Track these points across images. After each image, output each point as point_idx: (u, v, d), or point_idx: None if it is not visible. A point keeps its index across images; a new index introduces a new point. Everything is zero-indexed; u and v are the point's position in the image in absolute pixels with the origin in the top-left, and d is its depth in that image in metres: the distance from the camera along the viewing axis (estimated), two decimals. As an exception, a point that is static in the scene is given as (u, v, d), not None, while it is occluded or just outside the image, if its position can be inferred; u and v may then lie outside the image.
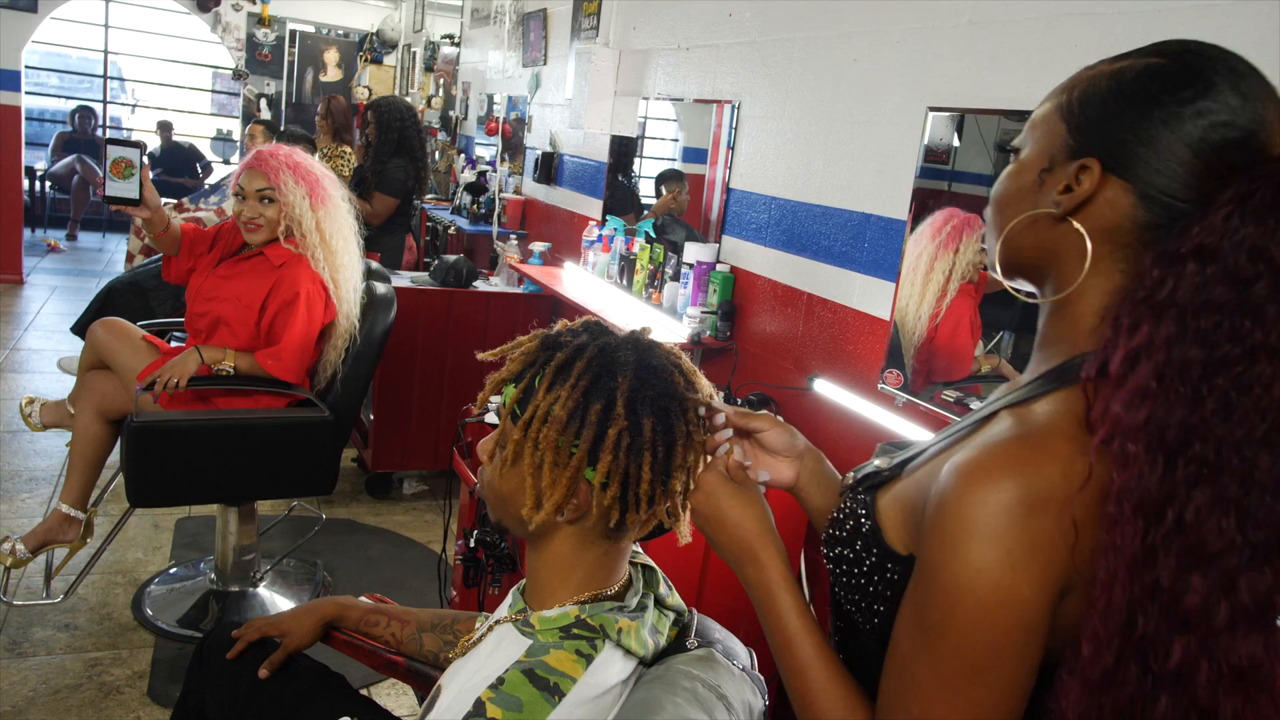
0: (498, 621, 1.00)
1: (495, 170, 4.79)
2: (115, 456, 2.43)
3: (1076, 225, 0.70)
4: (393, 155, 4.13)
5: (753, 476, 0.91)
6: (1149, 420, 0.63)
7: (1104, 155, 0.69)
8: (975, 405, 1.81)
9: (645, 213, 3.27)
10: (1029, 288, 0.79)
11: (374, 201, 4.05)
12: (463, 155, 5.58)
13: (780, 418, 1.00)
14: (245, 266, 2.43)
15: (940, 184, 1.94)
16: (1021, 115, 1.75)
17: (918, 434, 1.91)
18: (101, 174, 2.29)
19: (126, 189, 2.27)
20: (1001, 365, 1.82)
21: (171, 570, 2.78)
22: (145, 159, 2.31)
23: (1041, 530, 0.63)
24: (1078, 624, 0.66)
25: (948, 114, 1.89)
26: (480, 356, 1.00)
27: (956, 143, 1.90)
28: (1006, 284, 0.79)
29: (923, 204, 1.95)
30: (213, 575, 2.65)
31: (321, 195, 2.39)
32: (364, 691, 2.18)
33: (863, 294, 2.14)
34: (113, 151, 2.27)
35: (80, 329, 3.50)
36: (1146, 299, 0.65)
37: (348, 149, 4.64)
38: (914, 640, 0.68)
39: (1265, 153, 0.66)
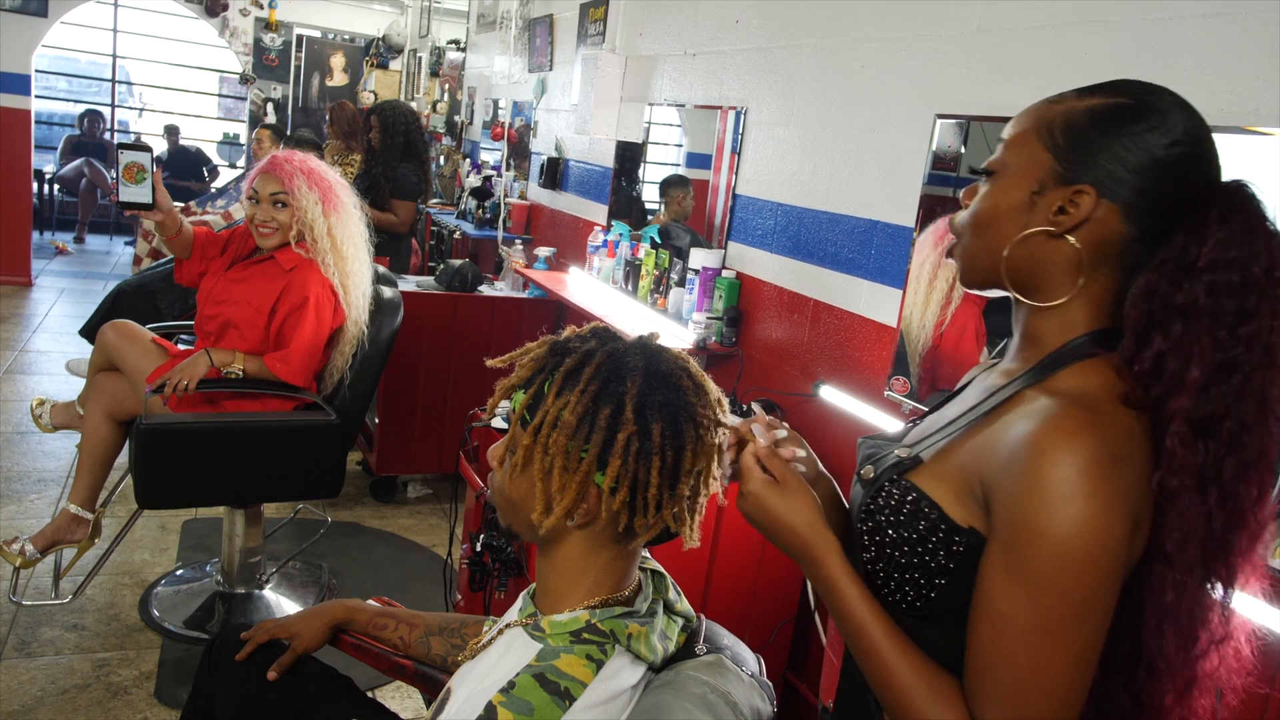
0: (507, 625, 1.00)
1: (500, 175, 4.80)
2: (124, 458, 2.44)
3: (1073, 241, 0.83)
4: (401, 160, 4.15)
5: (789, 458, 0.94)
6: (1199, 408, 0.77)
7: (1096, 183, 0.82)
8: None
9: (650, 218, 3.28)
10: (999, 293, 0.90)
11: (397, 210, 4.09)
12: (468, 160, 5.59)
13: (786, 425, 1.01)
14: (256, 270, 2.44)
15: (948, 190, 1.95)
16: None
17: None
18: (113, 179, 2.31)
19: (139, 194, 2.29)
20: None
21: (178, 572, 2.78)
22: (156, 163, 2.33)
23: (1121, 479, 0.75)
24: (1135, 558, 0.79)
25: (956, 121, 1.90)
26: (489, 363, 1.01)
27: (964, 150, 1.91)
28: (973, 291, 0.90)
29: (930, 211, 1.95)
30: (219, 577, 2.65)
31: (334, 202, 2.41)
32: (371, 694, 2.18)
33: (869, 301, 2.14)
34: (124, 157, 2.29)
35: (88, 332, 3.51)
36: (1166, 302, 0.79)
37: (357, 157, 4.65)
38: (1013, 596, 0.76)
39: (1209, 159, 0.82)
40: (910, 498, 0.86)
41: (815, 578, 0.88)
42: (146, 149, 2.34)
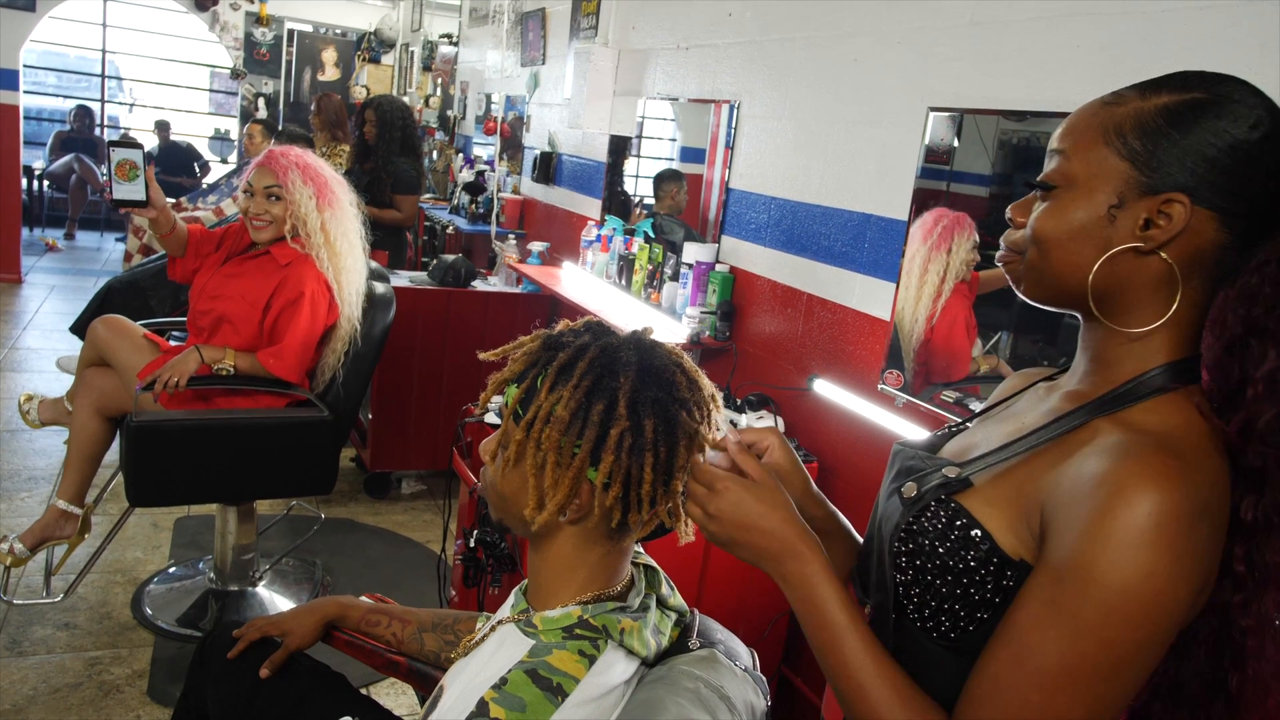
0: (500, 622, 1.00)
1: (493, 170, 4.79)
2: (115, 455, 2.43)
3: (1165, 257, 0.75)
4: (399, 154, 4.16)
5: (767, 460, 0.93)
6: None
7: (1187, 189, 0.74)
8: (976, 407, 1.82)
9: (636, 213, 3.28)
10: (1067, 310, 0.83)
11: (401, 205, 4.11)
12: (461, 155, 5.57)
13: (781, 431, 1.00)
14: (251, 265, 2.42)
15: (940, 184, 1.94)
16: (1023, 116, 1.75)
17: (919, 435, 1.90)
18: (105, 177, 2.29)
19: (133, 191, 2.30)
20: (1000, 365, 1.82)
21: (171, 569, 2.77)
22: (147, 159, 2.33)
23: (1201, 536, 0.69)
24: (1201, 606, 0.74)
25: (948, 114, 1.90)
26: (482, 356, 1.00)
27: (956, 143, 1.90)
28: (1050, 308, 0.83)
29: (923, 204, 1.95)
30: (212, 574, 2.64)
31: (329, 198, 2.40)
32: (364, 691, 2.18)
33: (863, 294, 2.14)
34: (116, 154, 2.29)
35: (79, 328, 3.49)
36: (1273, 305, 0.73)
37: (345, 148, 4.65)
38: (1047, 632, 0.70)
39: None
40: (959, 523, 0.79)
41: (794, 578, 0.82)
42: (138, 146, 2.33)
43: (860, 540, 1.03)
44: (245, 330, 2.37)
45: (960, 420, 0.96)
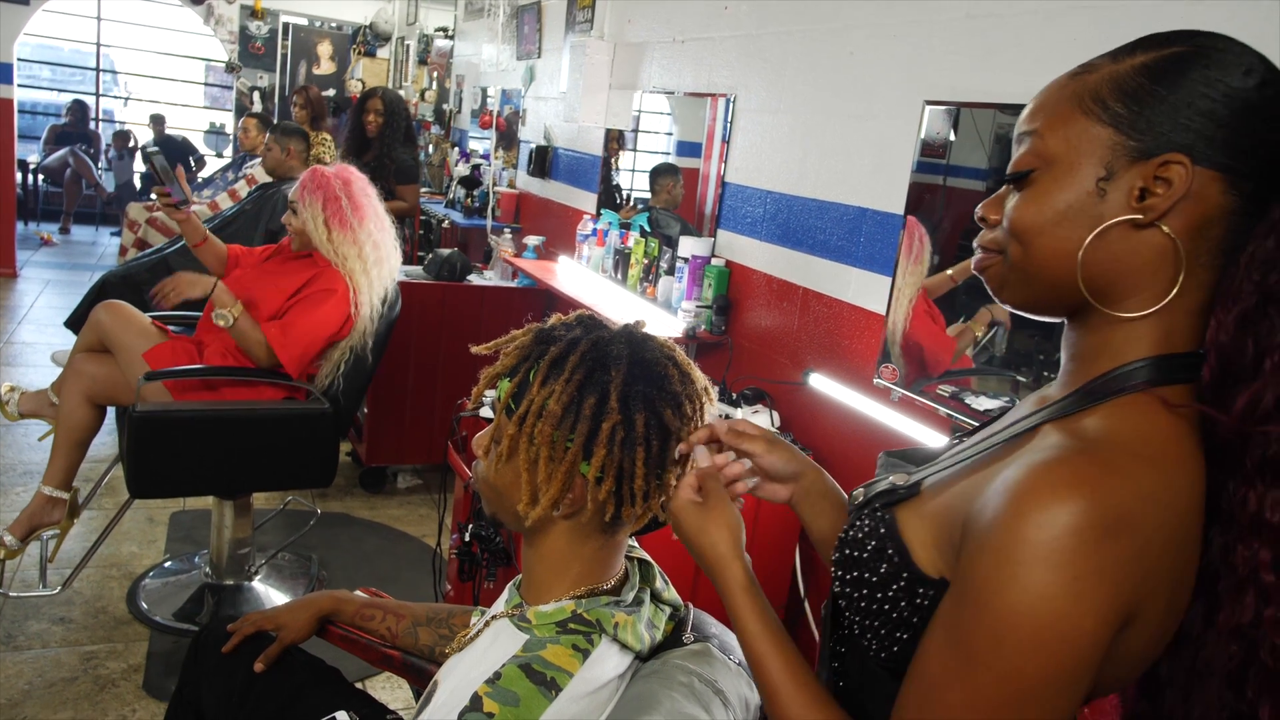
0: (494, 617, 1.00)
1: (489, 164, 4.78)
2: (112, 449, 2.42)
3: (1166, 230, 0.66)
4: (401, 145, 4.20)
5: (734, 475, 0.92)
6: None
7: (1185, 147, 0.65)
8: (972, 400, 1.82)
9: (625, 207, 3.28)
10: (1054, 314, 0.74)
11: (405, 195, 4.18)
12: (457, 149, 5.56)
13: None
14: (294, 265, 2.48)
15: (937, 178, 1.94)
16: (1019, 109, 1.75)
17: (914, 429, 1.91)
18: (158, 181, 2.53)
19: (178, 193, 2.54)
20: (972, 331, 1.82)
21: (166, 564, 2.77)
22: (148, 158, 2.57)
23: (1112, 556, 0.59)
24: (1139, 655, 0.66)
25: (945, 108, 1.89)
26: (474, 350, 1.00)
27: (953, 137, 1.90)
28: (1038, 316, 0.75)
29: (919, 198, 1.95)
30: (208, 569, 2.64)
31: (340, 218, 2.39)
32: (360, 685, 2.18)
33: (859, 288, 2.14)
34: (158, 160, 2.55)
35: (74, 323, 3.48)
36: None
37: (327, 135, 4.76)
38: (948, 666, 0.64)
39: None
40: (880, 533, 0.74)
41: (723, 590, 0.85)
42: (159, 151, 2.60)
43: None
44: (265, 310, 2.40)
45: (975, 428, 0.87)
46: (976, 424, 0.90)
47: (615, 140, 3.41)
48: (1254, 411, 0.63)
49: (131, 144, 8.15)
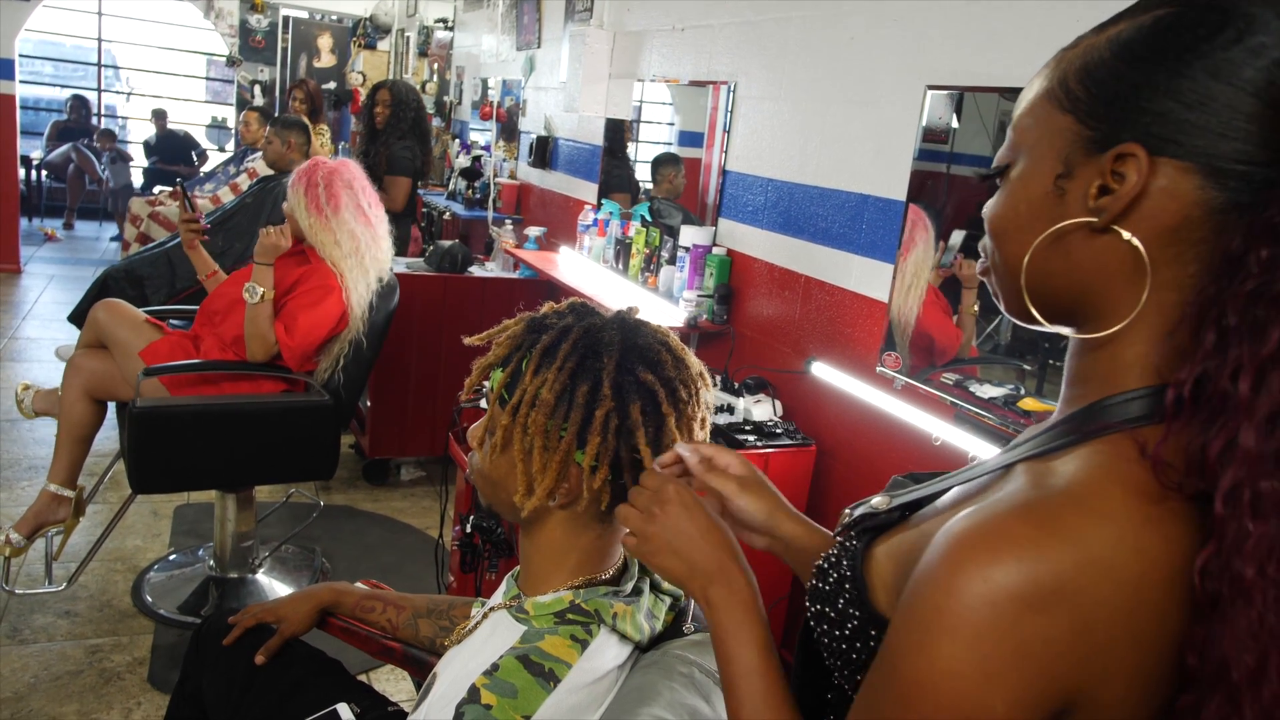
0: (493, 608, 0.99)
1: (490, 155, 4.76)
2: (115, 443, 2.43)
3: (1126, 236, 0.56)
4: (401, 137, 4.13)
5: (734, 471, 0.83)
6: None
7: (1144, 136, 0.55)
8: (976, 389, 1.80)
9: (641, 195, 3.26)
10: (1056, 328, 0.64)
11: (390, 187, 4.03)
12: (457, 140, 5.54)
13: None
14: (288, 262, 2.46)
15: (940, 166, 1.93)
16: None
17: (918, 417, 1.89)
18: (191, 209, 2.60)
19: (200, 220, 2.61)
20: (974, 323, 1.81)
21: (171, 557, 2.78)
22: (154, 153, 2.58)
23: (1037, 634, 0.50)
24: None
25: (947, 93, 1.87)
26: (467, 341, 0.99)
27: (955, 124, 1.88)
28: (1037, 326, 0.65)
29: (921, 185, 1.93)
30: (212, 562, 2.65)
31: (316, 207, 2.36)
32: (361, 677, 2.18)
33: (860, 276, 2.13)
34: (188, 191, 2.67)
35: (77, 318, 3.48)
36: (1261, 291, 0.51)
37: (324, 127, 4.79)
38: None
39: None
40: (843, 564, 0.67)
41: (717, 603, 0.74)
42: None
43: None
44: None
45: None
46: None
47: (628, 130, 3.39)
48: (1229, 455, 0.51)
49: (116, 142, 8.07)
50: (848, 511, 0.74)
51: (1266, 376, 0.51)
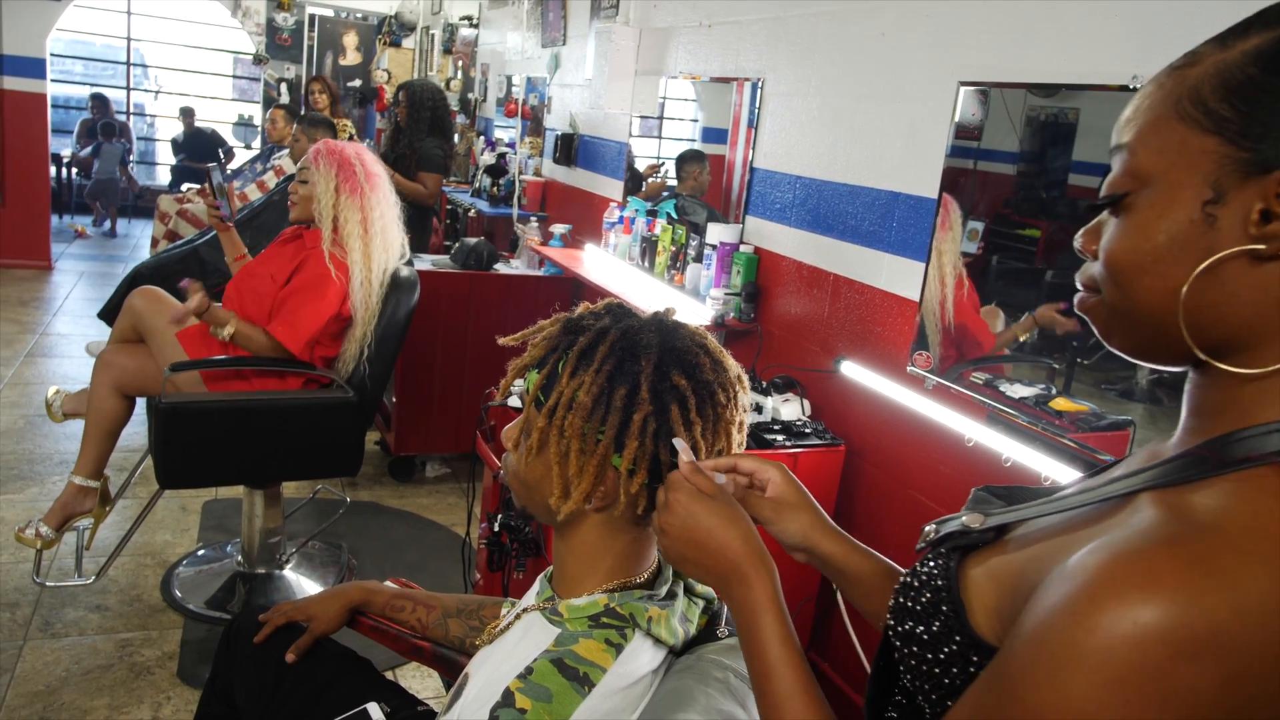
0: (525, 609, 0.98)
1: (515, 152, 4.76)
2: (144, 439, 2.45)
3: None
4: (427, 135, 4.34)
5: (771, 493, 0.85)
6: None
7: None
8: (1006, 388, 1.78)
9: (641, 192, 3.28)
10: (1177, 365, 0.61)
11: (426, 182, 4.31)
12: (482, 137, 5.55)
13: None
14: (287, 248, 2.51)
15: (968, 162, 1.90)
16: (1055, 89, 1.70)
17: (949, 417, 1.87)
18: (214, 195, 2.68)
19: (225, 208, 2.68)
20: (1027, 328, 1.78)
21: (199, 552, 2.80)
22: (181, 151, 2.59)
23: (1186, 684, 0.47)
24: None
25: (979, 88, 1.85)
26: (501, 341, 0.98)
27: (986, 119, 1.85)
28: (1154, 364, 0.62)
29: (953, 182, 1.91)
30: (239, 557, 2.67)
31: (352, 186, 2.41)
32: (391, 675, 2.19)
33: (891, 274, 2.10)
34: (216, 176, 2.67)
35: (107, 314, 3.52)
36: None
37: (347, 121, 4.93)
38: None
39: None
40: (938, 584, 0.64)
41: (738, 603, 0.75)
42: (216, 167, 2.75)
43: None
44: (259, 299, 2.44)
45: (1094, 472, 0.71)
46: (1098, 465, 0.75)
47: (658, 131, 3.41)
48: None
49: (117, 136, 8.07)
50: (933, 527, 0.71)
51: None
